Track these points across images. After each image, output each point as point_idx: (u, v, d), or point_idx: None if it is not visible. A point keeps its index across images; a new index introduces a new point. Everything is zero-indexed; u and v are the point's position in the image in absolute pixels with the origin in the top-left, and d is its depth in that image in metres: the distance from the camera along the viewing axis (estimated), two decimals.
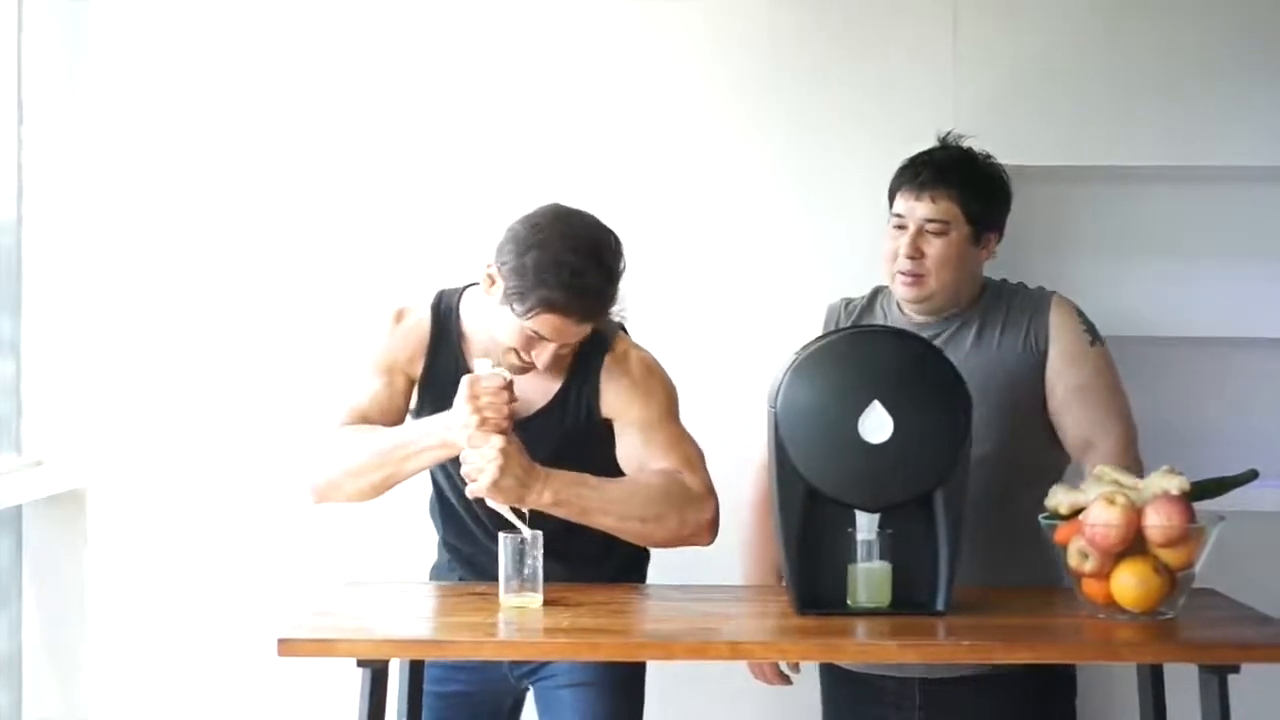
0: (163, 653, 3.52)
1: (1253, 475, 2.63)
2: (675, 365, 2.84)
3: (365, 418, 2.76)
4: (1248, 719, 2.56)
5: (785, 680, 3.10)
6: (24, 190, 3.49)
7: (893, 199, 3.01)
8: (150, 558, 3.53)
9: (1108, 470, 2.56)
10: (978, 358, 2.92)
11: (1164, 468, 2.51)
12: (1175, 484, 2.48)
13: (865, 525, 2.53)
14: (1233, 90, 3.44)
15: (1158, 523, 2.43)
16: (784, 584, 2.62)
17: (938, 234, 2.94)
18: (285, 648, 2.37)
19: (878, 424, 2.50)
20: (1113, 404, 2.94)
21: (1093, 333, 2.97)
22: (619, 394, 2.76)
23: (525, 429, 2.68)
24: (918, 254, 2.94)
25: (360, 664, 2.42)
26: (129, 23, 3.51)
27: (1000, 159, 3.05)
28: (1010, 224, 3.06)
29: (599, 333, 2.74)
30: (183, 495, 3.52)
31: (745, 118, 3.49)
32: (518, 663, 2.83)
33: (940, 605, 2.52)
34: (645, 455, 2.73)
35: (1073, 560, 2.49)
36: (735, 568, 3.08)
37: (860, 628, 2.49)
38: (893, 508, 2.53)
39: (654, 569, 2.94)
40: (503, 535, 2.58)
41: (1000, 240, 3.04)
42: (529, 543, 2.56)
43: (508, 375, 2.64)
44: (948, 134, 3.07)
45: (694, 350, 3.36)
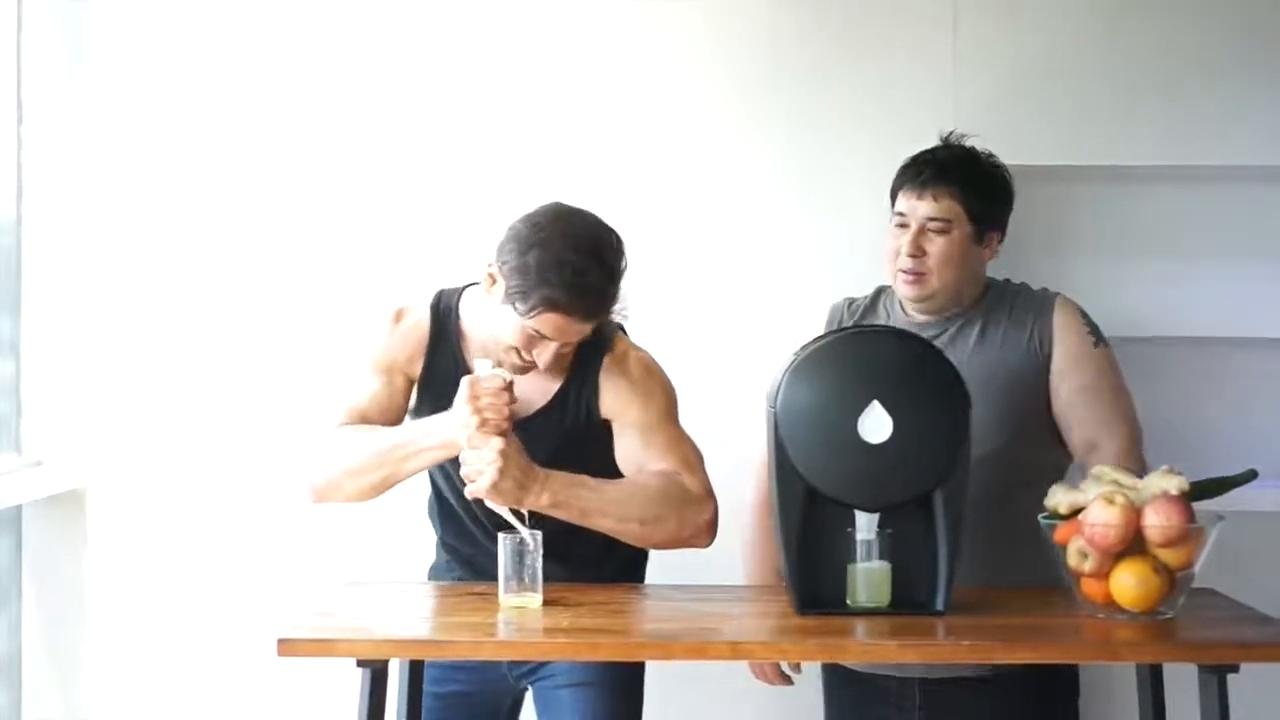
0: (162, 653, 3.52)
1: (1252, 475, 2.63)
2: (675, 365, 2.84)
3: (364, 418, 2.76)
4: (1247, 719, 2.55)
5: (786, 680, 3.10)
6: (24, 190, 3.49)
7: (895, 198, 3.01)
8: (150, 558, 3.53)
9: (1107, 470, 2.55)
10: (980, 357, 2.92)
11: (1163, 468, 2.51)
12: (1175, 484, 2.47)
13: (865, 525, 2.53)
14: (1233, 90, 3.44)
15: (1157, 523, 2.43)
16: (784, 584, 2.62)
17: (940, 232, 2.94)
18: (285, 648, 2.37)
19: (877, 424, 2.50)
20: (1118, 405, 2.94)
21: (1097, 334, 2.97)
22: (618, 395, 2.75)
23: (524, 429, 2.68)
24: (920, 252, 2.94)
25: (360, 664, 2.42)
26: (129, 23, 3.51)
27: (1000, 159, 3.05)
28: (1010, 224, 3.06)
29: (598, 333, 2.73)
30: (182, 495, 3.52)
31: (745, 118, 3.49)
32: (517, 663, 2.83)
33: (940, 605, 2.52)
34: (644, 456, 2.72)
35: (1072, 560, 2.49)
36: (735, 568, 3.08)
37: (860, 628, 2.49)
38: (892, 508, 2.52)
39: (654, 569, 2.94)
40: (502, 536, 2.58)
41: (1003, 240, 3.04)
42: (528, 543, 2.56)
43: (508, 376, 2.64)
44: (950, 133, 3.07)
45: (694, 350, 3.36)
